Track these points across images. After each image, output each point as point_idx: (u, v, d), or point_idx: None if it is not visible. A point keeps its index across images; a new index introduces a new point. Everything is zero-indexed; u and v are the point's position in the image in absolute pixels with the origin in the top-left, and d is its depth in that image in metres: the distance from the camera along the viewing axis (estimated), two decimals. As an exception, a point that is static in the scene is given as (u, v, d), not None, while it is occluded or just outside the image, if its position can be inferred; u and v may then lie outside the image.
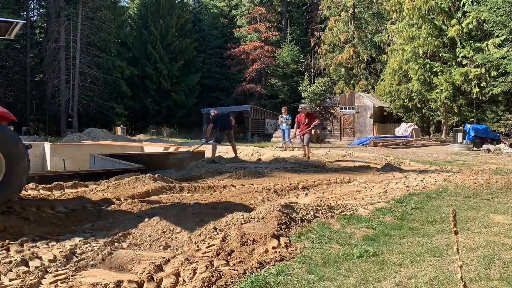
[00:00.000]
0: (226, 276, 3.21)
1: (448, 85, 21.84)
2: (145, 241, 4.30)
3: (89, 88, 33.07)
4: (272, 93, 38.89)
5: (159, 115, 38.36)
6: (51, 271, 3.46)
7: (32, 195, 6.03)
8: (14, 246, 4.00)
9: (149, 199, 6.04)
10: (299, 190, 7.08)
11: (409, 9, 23.13)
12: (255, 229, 4.40)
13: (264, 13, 40.46)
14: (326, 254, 3.73)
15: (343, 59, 33.33)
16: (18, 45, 36.18)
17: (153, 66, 37.64)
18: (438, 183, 7.63)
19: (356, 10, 33.77)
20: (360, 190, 7.19)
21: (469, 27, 21.13)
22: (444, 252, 3.73)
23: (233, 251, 3.87)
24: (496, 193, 6.85)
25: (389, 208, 5.72)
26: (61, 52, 32.57)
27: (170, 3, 39.41)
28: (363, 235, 4.38)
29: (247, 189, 7.03)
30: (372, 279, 3.15)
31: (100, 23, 33.37)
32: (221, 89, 42.73)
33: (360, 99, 30.05)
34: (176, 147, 16.15)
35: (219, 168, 9.34)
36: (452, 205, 5.83)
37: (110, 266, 3.63)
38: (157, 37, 37.73)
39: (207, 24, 46.69)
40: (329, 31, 35.19)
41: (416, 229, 4.64)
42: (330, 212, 5.24)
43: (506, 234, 4.35)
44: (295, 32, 43.26)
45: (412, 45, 23.37)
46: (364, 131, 28.76)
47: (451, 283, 3.02)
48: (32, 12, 38.36)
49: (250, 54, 38.52)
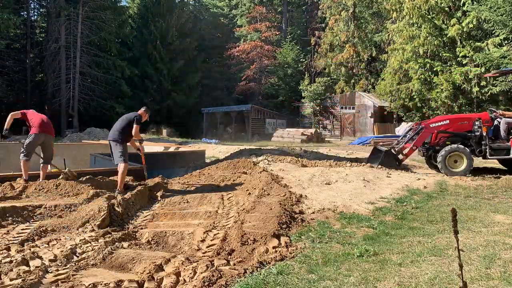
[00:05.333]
0: (226, 276, 3.21)
1: (448, 85, 21.84)
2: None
3: (89, 88, 33.08)
4: (272, 93, 38.90)
5: (159, 115, 38.33)
6: (51, 271, 3.46)
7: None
8: (14, 245, 4.00)
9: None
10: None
11: (409, 8, 23.12)
12: (255, 228, 4.40)
13: (264, 12, 40.48)
14: (327, 254, 3.73)
15: (343, 59, 33.33)
16: (18, 45, 36.19)
17: (153, 65, 37.65)
18: (438, 182, 7.63)
19: (356, 9, 33.76)
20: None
21: (469, 27, 21.11)
22: (444, 252, 3.73)
23: (234, 250, 3.87)
24: (496, 192, 6.85)
25: (389, 207, 5.73)
26: (62, 51, 32.57)
27: (170, 3, 39.40)
28: (364, 235, 4.38)
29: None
30: (372, 278, 3.16)
31: (101, 22, 33.37)
32: (221, 89, 42.73)
33: (361, 99, 30.05)
34: (176, 147, 16.18)
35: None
36: (453, 205, 5.83)
37: (111, 265, 3.63)
38: (157, 37, 37.73)
39: (207, 24, 46.69)
40: (329, 31, 35.19)
41: (416, 228, 4.64)
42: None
43: (506, 233, 4.35)
44: (295, 32, 43.29)
45: (412, 44, 23.36)
46: (364, 131, 28.77)
47: (452, 283, 3.02)
48: (32, 11, 38.40)
49: (250, 54, 38.53)
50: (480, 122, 8.97)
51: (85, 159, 11.30)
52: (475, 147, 8.94)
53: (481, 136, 8.91)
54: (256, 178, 7.23)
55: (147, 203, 6.13)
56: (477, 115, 9.45)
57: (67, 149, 13.42)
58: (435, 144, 9.20)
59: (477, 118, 9.14)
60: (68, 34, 32.27)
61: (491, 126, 9.09)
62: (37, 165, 7.04)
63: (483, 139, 8.87)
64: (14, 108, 7.68)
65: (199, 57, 42.34)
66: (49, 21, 34.71)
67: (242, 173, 8.01)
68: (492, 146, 8.84)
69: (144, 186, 6.53)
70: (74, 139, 23.78)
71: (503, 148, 8.82)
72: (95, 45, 34.08)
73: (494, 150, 8.85)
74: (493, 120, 9.18)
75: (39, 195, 6.09)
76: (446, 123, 9.25)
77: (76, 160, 12.11)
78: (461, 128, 9.18)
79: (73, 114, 32.72)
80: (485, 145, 8.81)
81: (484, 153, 8.84)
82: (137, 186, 6.52)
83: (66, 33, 32.32)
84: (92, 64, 33.41)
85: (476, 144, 8.94)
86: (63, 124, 32.52)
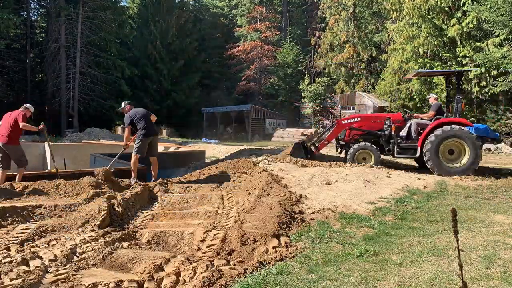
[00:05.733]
0: (226, 276, 3.21)
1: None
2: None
3: (89, 88, 33.07)
4: (272, 93, 38.91)
5: (159, 115, 38.23)
6: (51, 271, 3.45)
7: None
8: (14, 245, 4.00)
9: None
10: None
11: (409, 8, 23.11)
12: (255, 228, 4.40)
13: (264, 12, 40.50)
14: (327, 254, 3.73)
15: (343, 59, 33.34)
16: (18, 45, 36.17)
17: (153, 65, 37.65)
18: (438, 182, 7.63)
19: (356, 9, 33.77)
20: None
21: (469, 27, 21.11)
22: (444, 252, 3.73)
23: (234, 250, 3.87)
24: (496, 192, 6.85)
25: (389, 207, 5.72)
26: (62, 51, 32.56)
27: (170, 3, 39.41)
28: (364, 235, 4.38)
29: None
30: (372, 278, 3.15)
31: (101, 22, 33.37)
32: (221, 89, 42.74)
33: (361, 99, 30.05)
34: (176, 147, 16.19)
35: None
36: (453, 205, 5.83)
37: (111, 265, 3.63)
38: (157, 37, 37.74)
39: (207, 24, 46.70)
40: (329, 31, 35.20)
41: (416, 228, 4.64)
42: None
43: (506, 233, 4.35)
44: (295, 32, 43.28)
45: (412, 44, 23.36)
46: (364, 131, 28.73)
47: (452, 283, 3.01)
48: (32, 11, 38.35)
49: (250, 54, 38.54)
50: (390, 121, 9.39)
51: (85, 159, 11.30)
52: (384, 145, 9.37)
53: (390, 135, 9.34)
54: (256, 178, 7.22)
55: (147, 203, 6.13)
56: (388, 115, 9.90)
57: (67, 149, 13.42)
58: (348, 141, 9.66)
59: (387, 117, 9.55)
60: (68, 34, 32.26)
61: (402, 126, 9.49)
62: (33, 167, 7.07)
63: (392, 138, 9.30)
64: (14, 108, 7.69)
65: (199, 57, 42.34)
66: (49, 21, 34.70)
67: (242, 173, 8.01)
68: (400, 145, 9.24)
69: (144, 186, 6.53)
70: (74, 139, 23.80)
71: (410, 147, 9.20)
72: (95, 45, 34.08)
73: (402, 149, 9.24)
74: (406, 121, 9.59)
75: (39, 195, 6.09)
76: (358, 120, 9.76)
77: (76, 160, 12.11)
78: (374, 127, 9.62)
79: (73, 114, 32.71)
80: (393, 144, 9.23)
81: (392, 151, 9.28)
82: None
83: (66, 33, 32.31)
84: (92, 64, 33.40)
85: (386, 142, 9.39)
86: (63, 124, 32.52)
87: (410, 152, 9.18)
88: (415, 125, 9.35)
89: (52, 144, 7.50)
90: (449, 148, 8.66)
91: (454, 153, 8.68)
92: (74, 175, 7.22)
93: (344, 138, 9.77)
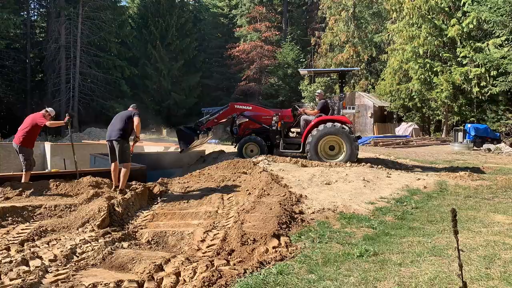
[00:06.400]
0: (226, 276, 3.21)
1: (448, 85, 21.84)
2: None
3: (89, 88, 33.07)
4: (272, 93, 38.91)
5: (159, 115, 38.34)
6: (51, 271, 3.46)
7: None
8: (14, 245, 4.00)
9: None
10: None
11: (409, 8, 23.13)
12: (255, 228, 4.40)
13: (264, 12, 40.47)
14: (327, 254, 3.73)
15: (343, 59, 33.33)
16: (18, 45, 36.17)
17: (153, 65, 37.64)
18: (438, 182, 7.63)
19: (356, 9, 33.77)
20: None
21: (469, 27, 21.12)
22: (444, 252, 3.73)
23: (234, 250, 3.87)
24: (496, 192, 6.85)
25: (389, 207, 5.73)
26: (62, 51, 32.55)
27: (170, 3, 39.37)
28: (364, 235, 4.38)
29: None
30: (372, 278, 3.15)
31: (101, 22, 33.36)
32: (222, 89, 42.71)
33: (361, 99, 30.04)
34: (176, 147, 16.15)
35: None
36: (453, 205, 5.83)
37: (111, 265, 3.63)
38: (157, 37, 37.73)
39: (207, 24, 46.68)
40: (329, 31, 35.19)
41: (416, 228, 4.64)
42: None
43: (506, 233, 4.35)
44: (295, 32, 43.27)
45: (412, 44, 23.37)
46: (364, 131, 28.75)
47: (452, 283, 3.01)
48: (32, 11, 38.32)
49: (250, 54, 38.53)
50: (277, 117, 9.90)
51: (85, 159, 11.28)
52: (272, 140, 9.93)
53: (276, 130, 9.86)
54: (256, 178, 7.22)
55: (147, 203, 6.13)
56: (276, 111, 10.38)
57: (67, 149, 13.41)
58: (241, 135, 10.18)
59: (275, 114, 10.07)
60: (68, 34, 32.25)
61: (291, 122, 10.09)
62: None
63: (278, 133, 9.84)
64: (14, 108, 7.68)
65: (199, 57, 42.32)
66: (49, 21, 34.70)
67: (242, 173, 8.01)
68: (285, 140, 9.85)
69: (144, 186, 6.53)
70: (74, 139, 23.77)
71: (295, 142, 9.82)
72: (95, 45, 34.08)
73: (288, 144, 9.86)
74: (295, 117, 10.15)
75: (39, 195, 6.09)
76: (249, 108, 10.34)
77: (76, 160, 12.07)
78: (266, 122, 10.11)
79: (73, 114, 32.71)
80: (279, 139, 9.81)
81: (278, 146, 9.82)
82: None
83: (66, 33, 32.31)
84: (92, 64, 33.39)
85: (273, 137, 9.91)
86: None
87: (295, 147, 9.74)
88: (303, 121, 9.88)
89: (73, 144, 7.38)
90: (330, 145, 9.40)
91: (334, 149, 9.43)
92: (93, 174, 7.19)
93: (238, 133, 10.25)
